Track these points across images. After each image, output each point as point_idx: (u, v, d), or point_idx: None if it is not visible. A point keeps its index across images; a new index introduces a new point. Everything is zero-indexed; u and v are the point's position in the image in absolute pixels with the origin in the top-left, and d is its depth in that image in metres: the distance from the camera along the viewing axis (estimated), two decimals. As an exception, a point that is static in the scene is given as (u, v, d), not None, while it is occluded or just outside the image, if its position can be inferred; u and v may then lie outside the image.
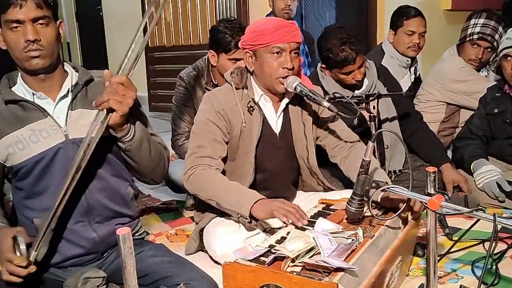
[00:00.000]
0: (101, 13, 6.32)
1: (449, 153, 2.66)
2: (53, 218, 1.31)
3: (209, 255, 1.78)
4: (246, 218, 1.57)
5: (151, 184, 1.79)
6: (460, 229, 1.97)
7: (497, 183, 2.23)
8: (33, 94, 1.41)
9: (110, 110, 1.29)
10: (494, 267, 1.63)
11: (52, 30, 1.37)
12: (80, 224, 1.45)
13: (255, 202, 1.55)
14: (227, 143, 1.77)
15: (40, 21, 1.34)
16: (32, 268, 1.26)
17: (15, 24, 1.32)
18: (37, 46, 1.33)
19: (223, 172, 1.76)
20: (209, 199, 1.67)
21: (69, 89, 1.44)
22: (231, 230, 1.68)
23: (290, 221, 1.46)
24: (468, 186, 2.33)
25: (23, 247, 1.27)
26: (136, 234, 1.62)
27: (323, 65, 2.32)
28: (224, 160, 1.77)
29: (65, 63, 1.48)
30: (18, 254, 1.28)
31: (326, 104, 1.64)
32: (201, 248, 1.86)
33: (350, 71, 2.22)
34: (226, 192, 1.63)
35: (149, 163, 1.48)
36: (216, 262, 1.72)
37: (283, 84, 1.70)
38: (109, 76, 1.31)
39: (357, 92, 2.29)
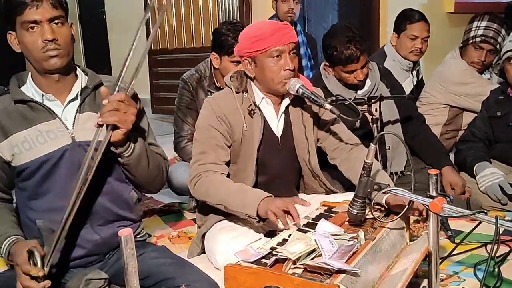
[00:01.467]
0: (104, 16, 6.34)
1: (452, 156, 2.66)
2: (65, 227, 1.31)
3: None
4: (254, 218, 1.58)
5: (148, 193, 1.80)
6: (463, 231, 1.97)
7: (499, 186, 2.22)
8: (42, 95, 1.42)
9: (112, 128, 1.31)
10: (496, 269, 1.63)
11: (67, 29, 1.39)
12: (82, 227, 1.46)
13: (261, 201, 1.56)
14: (229, 147, 1.78)
15: (56, 21, 1.35)
16: (47, 283, 1.26)
17: (32, 25, 1.33)
18: (55, 45, 1.35)
19: (228, 176, 1.76)
20: (216, 204, 1.68)
21: (78, 92, 1.45)
22: (232, 237, 1.68)
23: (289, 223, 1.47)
24: (464, 190, 2.33)
25: (38, 259, 1.27)
26: (138, 236, 1.63)
27: (327, 63, 2.32)
28: (228, 164, 1.78)
29: (77, 66, 1.50)
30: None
31: (328, 106, 1.64)
32: (203, 251, 1.86)
33: (353, 70, 2.22)
34: (231, 195, 1.64)
35: (146, 177, 1.50)
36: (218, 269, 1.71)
37: (285, 85, 1.70)
38: (106, 93, 1.33)
39: (359, 93, 2.29)
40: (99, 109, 1.40)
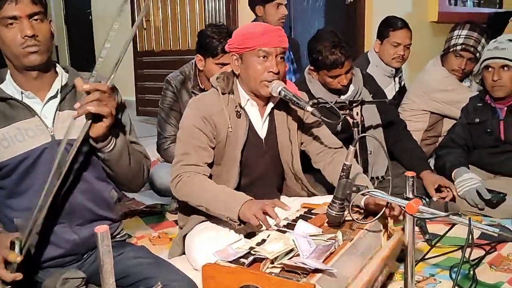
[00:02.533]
0: (90, 17, 6.30)
1: (432, 162, 2.70)
2: (36, 222, 1.29)
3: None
4: (235, 222, 1.58)
5: (128, 192, 1.77)
6: (441, 237, 2.00)
7: (477, 191, 2.26)
8: (22, 93, 1.41)
9: (92, 120, 1.29)
10: (471, 272, 1.66)
11: (46, 26, 1.37)
12: (61, 225, 1.44)
13: (242, 205, 1.57)
14: (213, 148, 1.78)
15: (35, 17, 1.34)
16: (18, 276, 1.24)
17: (10, 21, 1.32)
18: (35, 41, 1.33)
19: (210, 177, 1.77)
20: (198, 206, 1.69)
21: (58, 89, 1.44)
22: (212, 238, 1.68)
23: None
24: (449, 183, 2.35)
25: (17, 248, 1.25)
26: (118, 236, 1.61)
27: (311, 67, 2.34)
28: (210, 165, 1.78)
29: (56, 63, 1.49)
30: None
31: (309, 108, 1.66)
32: (184, 252, 1.86)
33: (337, 75, 2.25)
34: (213, 197, 1.64)
35: (127, 174, 1.48)
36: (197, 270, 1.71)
37: (267, 87, 1.71)
38: (81, 83, 1.29)
39: (342, 98, 2.32)
40: None
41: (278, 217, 1.49)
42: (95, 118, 1.29)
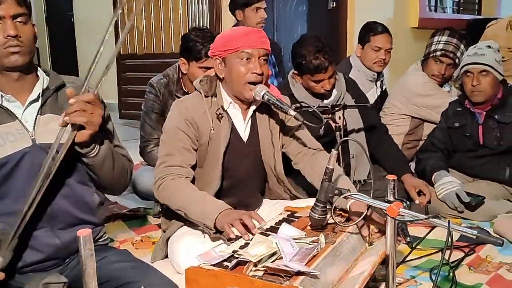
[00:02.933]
0: (72, 19, 6.24)
1: (413, 165, 2.74)
2: (21, 225, 1.28)
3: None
4: (211, 229, 1.58)
5: (111, 195, 1.77)
6: (421, 240, 2.03)
7: (456, 194, 2.31)
8: (2, 96, 1.38)
9: (77, 128, 1.30)
10: (451, 274, 1.69)
11: (30, 28, 1.37)
12: (42, 230, 1.43)
13: (219, 213, 1.56)
14: (196, 150, 1.78)
15: (19, 18, 1.33)
16: (1, 276, 1.23)
17: None
18: (17, 42, 1.32)
19: (193, 180, 1.76)
20: (177, 210, 1.68)
21: (39, 93, 1.42)
22: (195, 241, 1.68)
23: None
24: (428, 189, 2.40)
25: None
26: (100, 240, 1.60)
27: (295, 71, 2.36)
28: (193, 167, 1.78)
29: (38, 67, 1.47)
30: None
31: (292, 113, 1.67)
32: (167, 256, 1.85)
33: (320, 80, 2.27)
34: (192, 202, 1.64)
35: (110, 179, 1.48)
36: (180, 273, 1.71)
37: (251, 91, 1.72)
38: (73, 94, 1.30)
39: (325, 102, 2.35)
40: (61, 111, 1.38)
41: (255, 228, 1.47)
42: (79, 126, 1.30)
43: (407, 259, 1.84)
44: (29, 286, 1.37)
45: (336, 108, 2.22)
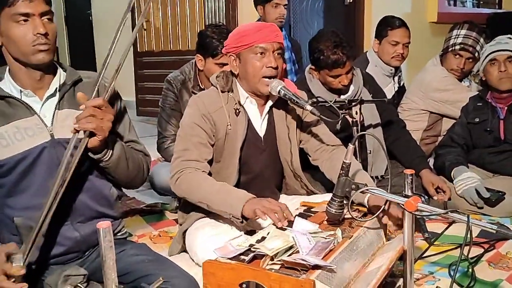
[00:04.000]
0: (90, 18, 6.31)
1: (431, 161, 2.71)
2: (44, 222, 1.30)
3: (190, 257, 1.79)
4: (238, 219, 1.59)
5: (129, 189, 1.80)
6: (440, 235, 2.01)
7: (476, 189, 2.28)
8: (21, 91, 1.41)
9: (89, 134, 1.32)
10: (470, 270, 1.67)
11: (55, 25, 1.39)
12: (62, 224, 1.45)
13: (246, 201, 1.57)
14: (212, 145, 1.79)
15: (47, 16, 1.36)
16: (24, 285, 1.24)
17: (22, 18, 1.33)
18: (46, 40, 1.35)
19: (209, 174, 1.77)
20: (198, 202, 1.69)
21: (56, 88, 1.44)
22: (212, 233, 1.69)
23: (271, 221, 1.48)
24: (447, 186, 2.37)
25: (19, 261, 1.26)
26: (119, 234, 1.62)
27: (312, 67, 2.35)
28: (210, 162, 1.79)
29: (55, 63, 1.49)
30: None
31: (308, 107, 1.67)
32: (184, 249, 1.87)
33: (338, 75, 2.26)
34: (215, 194, 1.65)
35: (126, 178, 1.51)
36: (198, 265, 1.72)
37: (267, 86, 1.72)
38: (84, 99, 1.33)
39: (342, 97, 2.33)
40: (78, 106, 1.40)
41: (291, 216, 1.49)
42: (90, 132, 1.32)
43: (425, 254, 1.82)
44: (50, 279, 1.41)
45: (353, 103, 2.21)
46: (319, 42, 2.25)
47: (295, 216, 1.52)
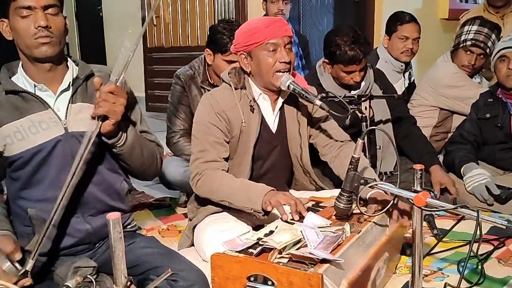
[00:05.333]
0: (101, 13, 6.34)
1: (441, 158, 2.69)
2: (55, 214, 1.31)
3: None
4: (260, 213, 1.60)
5: (143, 181, 1.83)
6: (449, 230, 2.00)
7: (486, 186, 2.26)
8: (35, 86, 1.43)
9: (102, 119, 1.33)
10: (479, 267, 1.66)
11: (61, 19, 1.40)
12: (73, 216, 1.47)
13: (265, 195, 1.59)
14: (228, 143, 1.80)
15: (50, 10, 1.37)
16: (27, 281, 1.27)
17: (25, 11, 1.34)
18: (48, 33, 1.35)
19: (227, 172, 1.78)
20: (221, 201, 1.71)
21: (70, 82, 1.46)
22: (221, 230, 1.70)
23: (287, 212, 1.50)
24: (455, 188, 2.36)
25: (17, 265, 1.27)
26: (128, 227, 1.64)
27: (326, 60, 2.34)
28: (227, 160, 1.80)
29: (67, 57, 1.51)
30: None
31: (318, 102, 1.67)
32: (194, 244, 1.88)
33: (352, 71, 2.25)
34: (235, 191, 1.67)
35: (141, 166, 1.52)
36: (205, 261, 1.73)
37: (279, 78, 1.72)
38: (99, 84, 1.34)
39: (352, 93, 2.32)
40: (91, 100, 1.42)
41: (305, 211, 1.51)
42: (103, 116, 1.33)
43: (434, 251, 1.81)
44: (60, 270, 1.42)
45: (363, 98, 2.20)
46: (337, 36, 2.23)
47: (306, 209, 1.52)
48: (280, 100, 1.84)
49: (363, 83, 2.37)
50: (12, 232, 1.41)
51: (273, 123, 1.85)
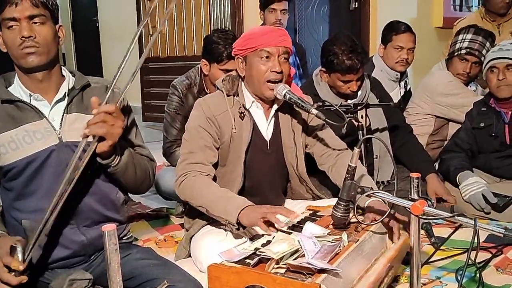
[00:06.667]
0: (97, 24, 6.37)
1: (437, 166, 2.70)
2: (47, 223, 1.31)
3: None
4: (233, 225, 1.58)
5: (135, 195, 1.82)
6: (447, 238, 1.99)
7: (482, 195, 2.26)
8: (30, 95, 1.43)
9: (98, 139, 1.32)
10: (478, 275, 1.65)
11: (48, 28, 1.39)
12: (68, 227, 1.46)
13: (242, 209, 1.56)
14: (217, 148, 1.80)
15: (36, 19, 1.36)
16: (24, 278, 1.26)
17: (11, 23, 1.35)
18: (32, 42, 1.35)
19: (214, 178, 1.78)
20: (198, 206, 1.69)
21: (65, 92, 1.46)
22: (218, 240, 1.68)
23: (273, 229, 1.47)
24: (451, 196, 2.36)
25: (20, 254, 1.27)
26: (124, 238, 1.63)
27: (323, 69, 2.33)
28: (215, 165, 1.80)
29: (62, 67, 1.50)
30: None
31: (314, 111, 1.67)
32: (191, 255, 1.86)
33: (349, 80, 2.24)
34: (214, 199, 1.65)
35: (133, 183, 1.51)
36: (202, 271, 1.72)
37: (271, 90, 1.72)
38: (97, 103, 1.33)
39: (349, 102, 2.32)
40: (87, 110, 1.41)
41: (282, 223, 1.47)
42: (100, 137, 1.32)
43: (432, 259, 1.81)
44: (55, 282, 1.41)
45: (359, 107, 2.20)
46: (334, 45, 2.22)
47: (302, 220, 1.52)
48: (274, 108, 1.84)
49: (359, 92, 2.37)
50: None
51: (266, 131, 1.85)
